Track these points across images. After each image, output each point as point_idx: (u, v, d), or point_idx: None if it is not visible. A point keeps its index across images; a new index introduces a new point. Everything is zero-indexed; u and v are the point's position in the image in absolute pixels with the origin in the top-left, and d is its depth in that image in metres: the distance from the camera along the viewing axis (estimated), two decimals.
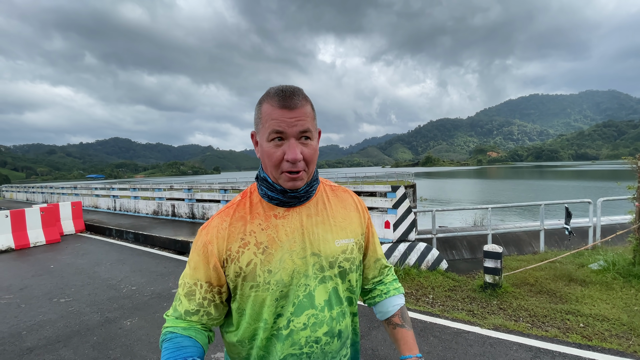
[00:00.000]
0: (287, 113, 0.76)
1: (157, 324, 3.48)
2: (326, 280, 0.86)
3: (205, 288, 0.83)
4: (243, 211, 0.87)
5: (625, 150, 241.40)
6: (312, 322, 0.83)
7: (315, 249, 0.85)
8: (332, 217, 0.91)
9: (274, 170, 0.80)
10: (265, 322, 0.82)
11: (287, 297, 0.82)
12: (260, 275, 0.81)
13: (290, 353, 0.82)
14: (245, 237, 0.83)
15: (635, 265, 4.35)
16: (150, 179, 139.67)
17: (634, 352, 2.70)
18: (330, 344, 0.85)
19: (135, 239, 8.02)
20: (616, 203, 6.32)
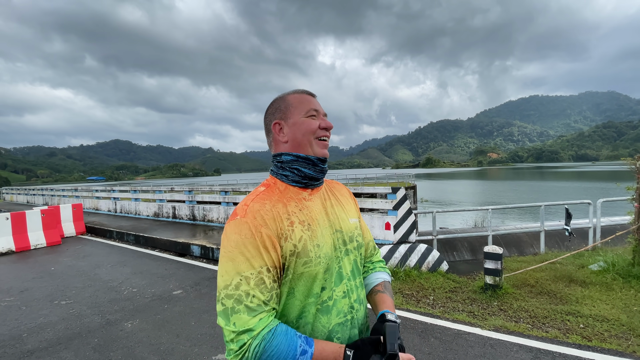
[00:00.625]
0: (314, 99, 0.97)
1: (158, 326, 3.48)
2: (349, 253, 0.96)
3: (269, 273, 0.81)
4: (276, 196, 0.91)
5: (625, 151, 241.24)
6: (347, 290, 0.92)
7: (338, 226, 0.96)
8: (341, 200, 1.04)
9: (309, 136, 0.93)
10: (315, 297, 0.86)
11: (329, 270, 0.89)
12: (311, 250, 0.86)
13: (337, 322, 0.89)
14: (290, 217, 0.88)
15: (635, 266, 4.35)
16: (150, 181, 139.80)
17: (633, 352, 2.70)
18: (359, 310, 0.95)
19: (136, 241, 8.03)
20: (616, 204, 6.33)
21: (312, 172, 0.94)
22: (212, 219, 9.08)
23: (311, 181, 0.95)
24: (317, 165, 0.94)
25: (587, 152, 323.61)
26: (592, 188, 34.62)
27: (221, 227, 8.48)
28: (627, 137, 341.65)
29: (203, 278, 5.09)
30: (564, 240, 6.42)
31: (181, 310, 3.90)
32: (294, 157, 0.93)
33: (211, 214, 9.11)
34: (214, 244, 6.42)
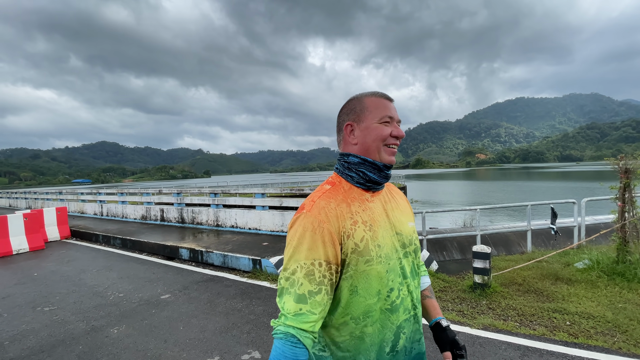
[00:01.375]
0: (391, 104, 0.97)
1: (145, 332, 3.41)
2: (408, 255, 1.00)
3: (324, 266, 0.84)
4: (341, 195, 0.95)
5: (608, 152, 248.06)
6: (410, 290, 0.97)
7: (398, 229, 0.99)
8: (401, 204, 1.07)
9: (378, 143, 0.95)
10: (379, 295, 0.90)
11: (393, 271, 0.93)
12: (372, 250, 0.90)
13: (404, 319, 0.94)
14: (353, 216, 0.91)
15: (619, 263, 4.46)
16: (138, 183, 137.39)
17: (618, 348, 2.76)
18: (419, 308, 1.00)
19: (123, 244, 7.86)
20: (600, 203, 6.48)
21: (377, 177, 0.97)
22: (202, 222, 8.96)
23: (374, 185, 0.98)
24: (382, 171, 0.97)
25: (572, 153, 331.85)
26: (577, 188, 35.47)
27: (210, 230, 8.38)
28: (610, 138, 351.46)
29: (192, 282, 5.01)
30: (550, 239, 6.55)
31: (169, 315, 3.82)
32: (361, 160, 0.96)
33: (200, 217, 8.99)
34: (203, 246, 6.34)
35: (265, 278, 4.98)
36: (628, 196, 4.57)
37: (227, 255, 5.69)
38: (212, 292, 4.51)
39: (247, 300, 4.17)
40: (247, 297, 4.30)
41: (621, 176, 4.61)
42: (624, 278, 4.18)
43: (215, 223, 8.64)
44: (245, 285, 4.78)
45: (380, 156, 0.95)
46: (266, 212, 7.60)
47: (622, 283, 4.09)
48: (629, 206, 4.56)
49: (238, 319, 3.62)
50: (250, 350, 2.96)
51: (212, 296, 4.37)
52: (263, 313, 3.77)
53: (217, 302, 4.16)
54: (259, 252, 5.74)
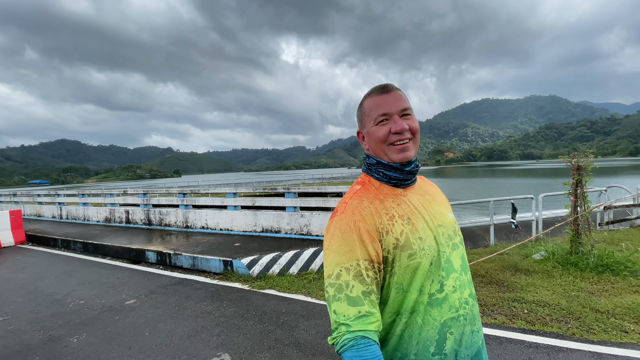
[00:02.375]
0: (387, 96, 0.91)
1: (108, 339, 3.25)
2: (456, 247, 0.95)
3: (367, 265, 0.82)
4: (373, 193, 0.93)
5: (565, 150, 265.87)
6: (458, 285, 0.89)
7: (439, 220, 0.94)
8: (437, 197, 1.02)
9: (381, 146, 0.92)
10: (421, 289, 0.86)
11: (436, 263, 0.88)
12: (414, 242, 0.86)
13: (450, 317, 0.86)
14: (388, 212, 0.89)
15: (572, 254, 4.79)
16: (102, 183, 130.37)
17: (572, 334, 2.95)
18: (474, 305, 0.93)
19: (85, 249, 7.44)
20: (556, 198, 6.93)
21: (399, 174, 0.94)
22: (170, 223, 8.65)
23: (401, 182, 0.95)
24: (403, 170, 0.93)
25: (532, 151, 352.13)
26: (537, 184, 37.72)
27: (180, 232, 8.11)
28: (567, 137, 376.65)
29: (159, 286, 4.82)
30: (512, 233, 6.93)
31: (134, 321, 3.66)
32: (377, 161, 0.96)
33: (169, 218, 8.67)
34: (171, 249, 6.12)
35: (237, 279, 4.89)
36: (580, 191, 4.91)
37: (197, 257, 5.54)
38: (180, 296, 4.37)
39: (217, 303, 4.08)
40: (217, 299, 4.21)
41: (574, 173, 4.94)
42: (577, 268, 4.49)
43: (184, 224, 8.38)
44: (215, 287, 4.67)
45: (389, 157, 0.92)
46: (238, 212, 7.46)
47: (575, 272, 4.39)
48: (581, 201, 4.90)
49: (207, 322, 3.54)
50: (220, 352, 2.90)
51: (181, 300, 4.23)
52: (234, 315, 3.70)
53: (185, 305, 4.04)
54: (230, 253, 5.63)
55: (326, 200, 6.42)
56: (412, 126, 0.91)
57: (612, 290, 3.83)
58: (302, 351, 2.87)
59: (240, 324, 3.46)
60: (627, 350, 2.66)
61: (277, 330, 3.28)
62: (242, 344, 3.04)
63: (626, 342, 2.77)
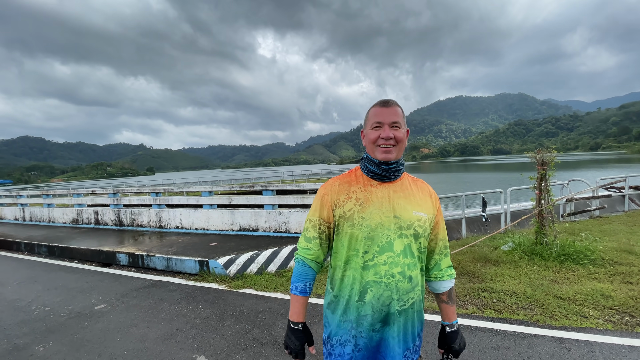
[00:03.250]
0: (385, 109, 1.19)
1: (76, 347, 3.11)
2: (403, 236, 1.19)
3: (322, 222, 1.26)
4: (349, 178, 1.28)
5: (532, 146, 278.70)
6: (390, 261, 1.16)
7: (397, 213, 1.20)
8: (412, 196, 1.25)
9: (372, 145, 1.21)
10: (357, 252, 1.19)
11: (373, 239, 1.17)
12: (356, 219, 1.19)
13: (373, 280, 1.16)
14: (349, 194, 1.23)
15: (537, 244, 5.05)
16: (69, 182, 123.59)
17: (536, 320, 3.13)
18: (402, 282, 1.17)
19: (50, 252, 7.06)
20: (524, 191, 7.26)
21: (377, 170, 1.22)
22: (142, 224, 8.36)
23: (377, 176, 1.23)
24: (380, 167, 1.21)
25: (502, 147, 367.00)
26: (506, 178, 39.39)
27: (153, 232, 7.85)
28: (534, 133, 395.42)
29: (131, 289, 4.66)
30: (482, 225, 7.22)
31: (104, 326, 3.52)
32: (366, 157, 1.26)
33: (141, 218, 8.37)
34: (144, 250, 5.92)
35: (214, 280, 4.81)
36: (544, 185, 5.18)
37: (171, 258, 5.39)
38: (154, 299, 4.24)
39: (193, 304, 3.99)
40: (193, 300, 4.12)
41: (538, 168, 5.20)
42: (542, 257, 4.74)
43: (157, 224, 8.12)
44: (191, 288, 4.57)
45: (374, 155, 1.21)
46: (214, 211, 7.31)
47: (539, 262, 4.63)
48: (545, 194, 5.18)
49: (183, 324, 3.46)
50: (196, 355, 2.85)
51: (154, 302, 4.11)
52: (210, 316, 3.64)
53: (159, 308, 3.93)
54: (206, 253, 5.51)
55: (305, 198, 6.42)
56: (397, 136, 1.18)
57: (573, 278, 4.08)
58: (280, 349, 2.87)
59: (217, 325, 3.41)
60: (587, 335, 2.84)
61: (254, 330, 3.26)
62: (219, 345, 3.00)
63: (586, 327, 2.96)
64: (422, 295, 1.26)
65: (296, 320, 1.26)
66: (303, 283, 1.26)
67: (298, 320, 1.26)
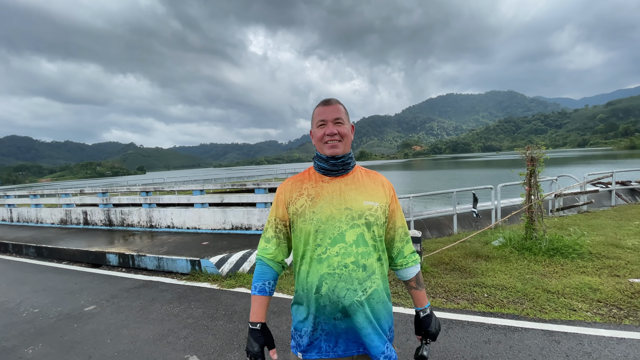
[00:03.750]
0: (327, 108, 1.25)
1: (66, 349, 3.05)
2: (355, 226, 1.21)
3: (278, 221, 1.31)
4: (302, 177, 1.34)
5: (522, 142, 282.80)
6: (342, 252, 1.19)
7: (348, 204, 1.23)
8: (363, 187, 1.29)
9: (319, 143, 1.27)
10: (309, 246, 1.22)
11: (324, 232, 1.20)
12: (307, 214, 1.23)
13: (327, 272, 1.18)
14: (301, 191, 1.28)
15: (527, 240, 5.12)
16: (58, 183, 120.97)
17: (526, 314, 3.17)
18: (356, 271, 1.19)
19: (38, 253, 6.92)
20: (513, 187, 7.36)
21: (326, 165, 1.28)
22: (133, 223, 8.25)
23: (327, 171, 1.28)
24: (328, 162, 1.27)
25: (493, 144, 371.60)
26: (497, 174, 39.91)
27: (144, 232, 7.75)
28: (523, 130, 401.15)
29: (122, 289, 4.60)
30: (473, 221, 7.29)
31: (94, 328, 3.47)
32: (316, 154, 1.33)
33: (131, 218, 8.26)
34: (134, 250, 5.84)
35: (206, 279, 4.77)
36: (533, 181, 5.25)
37: (162, 258, 5.33)
38: (145, 299, 4.19)
39: (185, 304, 3.95)
40: (185, 300, 4.08)
41: (528, 164, 5.27)
42: (531, 252, 4.81)
43: (148, 224, 8.02)
44: (183, 288, 4.53)
45: (323, 151, 1.26)
46: (206, 210, 7.25)
47: (529, 257, 4.70)
48: (534, 190, 5.25)
49: (174, 325, 3.42)
50: (188, 355, 2.82)
51: (145, 303, 4.06)
52: (203, 315, 3.61)
53: (150, 309, 3.88)
54: (198, 252, 5.47)
55: None
56: (341, 131, 1.24)
57: (562, 271, 4.15)
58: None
59: (209, 325, 3.38)
60: (576, 327, 2.89)
61: (247, 329, 3.24)
62: (211, 344, 2.97)
63: (574, 320, 3.01)
64: (383, 285, 1.25)
65: (254, 321, 1.25)
66: (262, 282, 1.28)
67: (256, 320, 1.25)
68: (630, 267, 4.16)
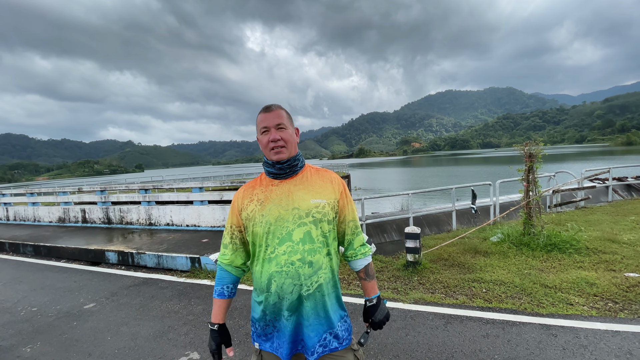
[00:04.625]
0: (269, 114, 1.29)
1: (65, 347, 3.06)
2: (302, 225, 1.26)
3: (234, 227, 1.38)
4: (254, 183, 1.39)
5: (520, 139, 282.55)
6: (289, 251, 1.24)
7: (296, 204, 1.28)
8: (311, 186, 1.33)
9: (265, 149, 1.30)
10: (260, 247, 1.29)
11: (273, 233, 1.25)
12: (257, 217, 1.28)
13: (275, 270, 1.24)
14: (252, 196, 1.34)
15: (525, 235, 5.15)
16: (55, 181, 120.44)
17: (524, 309, 3.20)
18: (302, 268, 1.24)
19: (36, 252, 6.90)
20: (512, 184, 7.38)
21: (273, 169, 1.32)
22: (132, 221, 8.24)
23: (276, 175, 1.33)
24: (275, 166, 1.31)
25: (491, 140, 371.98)
26: (495, 171, 40.00)
27: (142, 230, 7.74)
28: (522, 127, 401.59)
29: (121, 287, 4.60)
30: (472, 217, 7.32)
31: (94, 325, 3.47)
32: (265, 160, 1.36)
33: (130, 215, 8.25)
34: (133, 248, 5.84)
35: (206, 276, 4.77)
36: (532, 177, 5.27)
37: (162, 255, 5.33)
38: (145, 296, 4.19)
39: (185, 301, 3.96)
40: (185, 297, 4.09)
41: (526, 160, 5.28)
42: (529, 248, 4.84)
43: (147, 222, 8.01)
44: (183, 285, 4.53)
45: (269, 157, 1.30)
46: (205, 207, 7.25)
47: (527, 252, 4.73)
48: (532, 186, 5.27)
49: (175, 322, 3.43)
50: (189, 352, 2.83)
51: (145, 300, 4.06)
52: (203, 312, 3.62)
53: (150, 306, 3.88)
54: (197, 249, 5.47)
55: None
56: (284, 137, 1.28)
57: (559, 266, 4.18)
58: None
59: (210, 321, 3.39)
60: (572, 321, 2.92)
61: (247, 325, 3.25)
62: None
63: (571, 314, 3.05)
64: (331, 279, 1.31)
65: (213, 322, 1.35)
66: (220, 286, 1.37)
67: (215, 321, 1.35)
68: (625, 261, 4.20)
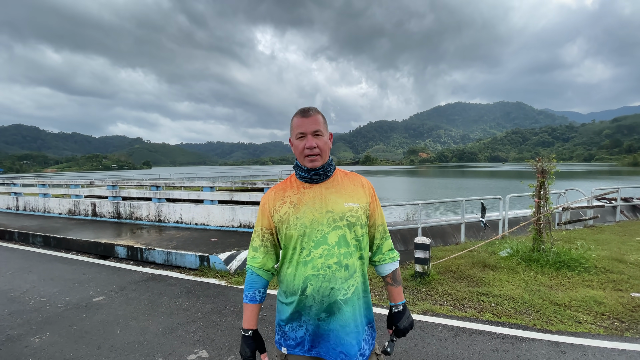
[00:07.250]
0: (306, 120, 1.26)
1: (75, 338, 3.10)
2: (337, 228, 1.26)
3: (264, 230, 1.36)
4: (285, 185, 1.38)
5: (528, 154, 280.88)
6: (325, 254, 1.24)
7: (330, 207, 1.28)
8: (343, 189, 1.33)
9: (300, 156, 1.29)
10: (294, 250, 1.27)
11: (308, 236, 1.25)
12: (291, 220, 1.27)
13: (311, 273, 1.23)
14: (284, 199, 1.33)
15: (534, 251, 5.11)
16: (64, 173, 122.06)
17: (533, 325, 3.18)
18: (339, 271, 1.24)
19: (45, 242, 7.00)
20: (521, 199, 7.34)
21: (307, 175, 1.31)
22: (141, 217, 8.33)
23: (309, 180, 1.32)
24: (310, 172, 1.30)
25: (499, 154, 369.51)
26: (502, 185, 39.66)
27: (151, 226, 7.82)
28: (530, 142, 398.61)
29: (130, 282, 4.65)
30: (480, 231, 7.27)
31: (103, 318, 3.51)
32: (297, 164, 1.35)
33: (140, 211, 8.34)
34: (143, 243, 5.90)
35: (214, 275, 4.81)
36: (543, 193, 5.25)
37: (171, 252, 5.38)
38: (153, 292, 4.24)
39: (193, 299, 3.99)
40: (193, 295, 4.12)
41: (538, 176, 5.27)
42: (538, 264, 4.81)
43: (157, 218, 8.09)
44: (191, 283, 4.57)
45: (303, 163, 1.29)
46: (215, 207, 7.31)
47: (537, 268, 4.70)
48: (544, 202, 5.24)
49: (183, 319, 3.46)
50: (197, 349, 2.86)
51: (154, 296, 4.11)
52: (211, 311, 3.64)
53: (159, 302, 3.92)
54: (206, 248, 5.51)
55: None
56: (320, 145, 1.27)
57: (568, 284, 4.14)
58: None
59: (218, 320, 3.41)
60: (581, 339, 2.90)
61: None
62: (220, 340, 3.00)
63: (580, 332, 3.03)
64: (363, 283, 1.32)
65: (246, 328, 1.33)
66: (252, 291, 1.34)
67: (248, 328, 1.33)
68: (632, 281, 4.19)
